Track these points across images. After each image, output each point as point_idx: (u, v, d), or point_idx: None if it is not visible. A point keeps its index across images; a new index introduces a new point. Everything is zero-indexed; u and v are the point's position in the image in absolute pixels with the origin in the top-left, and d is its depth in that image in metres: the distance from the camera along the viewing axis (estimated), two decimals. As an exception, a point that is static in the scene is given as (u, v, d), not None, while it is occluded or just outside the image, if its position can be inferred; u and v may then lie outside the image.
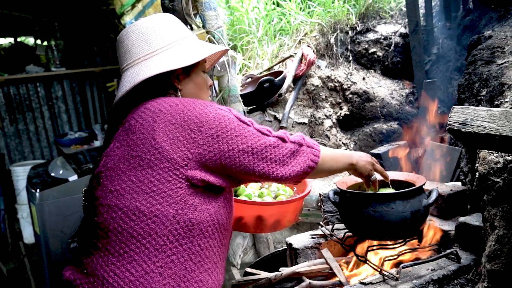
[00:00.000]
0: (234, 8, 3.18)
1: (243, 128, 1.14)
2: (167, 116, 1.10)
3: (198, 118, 1.10)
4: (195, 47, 1.25)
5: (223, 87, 2.30)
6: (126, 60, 1.22)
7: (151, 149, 1.08)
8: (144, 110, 1.13)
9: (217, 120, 1.12)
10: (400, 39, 2.92)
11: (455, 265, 1.59)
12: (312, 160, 1.22)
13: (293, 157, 1.18)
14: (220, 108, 1.16)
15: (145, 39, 1.20)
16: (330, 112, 2.76)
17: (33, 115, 5.27)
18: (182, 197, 1.09)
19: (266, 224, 1.48)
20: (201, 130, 1.10)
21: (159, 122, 1.10)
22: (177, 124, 1.09)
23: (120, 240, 1.08)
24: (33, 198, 3.15)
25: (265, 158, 1.14)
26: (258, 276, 1.89)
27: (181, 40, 1.24)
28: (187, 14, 2.18)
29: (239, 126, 1.14)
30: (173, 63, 1.18)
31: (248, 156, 1.13)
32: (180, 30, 1.26)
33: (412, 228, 1.65)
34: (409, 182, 1.73)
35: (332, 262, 1.82)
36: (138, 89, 1.20)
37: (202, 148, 1.10)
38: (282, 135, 1.20)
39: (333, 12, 2.91)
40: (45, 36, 5.47)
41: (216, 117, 1.12)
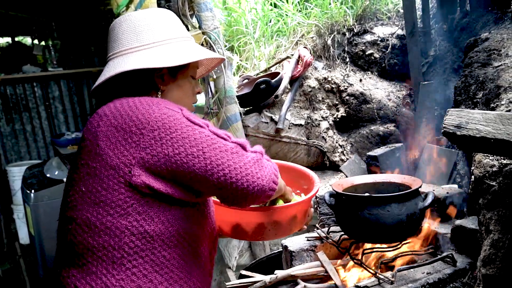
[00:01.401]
0: (231, 9, 3.17)
1: (193, 129, 1.00)
2: (110, 119, 1.02)
3: (139, 119, 1.00)
4: (186, 49, 1.17)
5: (219, 88, 2.29)
6: (113, 49, 1.16)
7: (96, 156, 1.01)
8: (94, 114, 1.07)
9: (161, 120, 1.00)
10: (397, 41, 2.91)
11: (451, 268, 1.59)
12: (275, 174, 1.06)
13: (257, 167, 1.01)
14: (167, 108, 1.03)
15: (136, 31, 1.14)
16: (327, 113, 2.75)
17: (30, 115, 5.25)
18: (134, 207, 1.01)
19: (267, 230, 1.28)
20: (143, 132, 0.99)
21: (102, 127, 1.02)
22: (119, 127, 1.00)
23: (77, 252, 1.03)
24: (28, 198, 3.13)
25: (222, 164, 0.98)
26: (254, 278, 1.88)
27: (173, 39, 1.17)
28: (183, 14, 2.17)
29: (188, 127, 1.01)
30: (156, 61, 1.10)
31: (199, 162, 0.98)
32: (175, 30, 1.18)
33: (408, 231, 1.65)
34: (405, 185, 1.73)
35: (327, 265, 1.81)
36: (120, 82, 1.14)
37: (145, 152, 0.99)
38: (242, 142, 1.05)
39: (330, 14, 2.90)
40: (42, 36, 5.45)
41: (160, 117, 1.00)
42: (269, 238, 1.33)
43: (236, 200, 1.02)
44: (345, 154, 2.74)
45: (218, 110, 2.31)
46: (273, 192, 1.05)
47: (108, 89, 1.17)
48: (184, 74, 1.19)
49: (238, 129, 2.33)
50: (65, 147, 4.57)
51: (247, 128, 2.45)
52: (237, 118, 2.35)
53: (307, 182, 1.43)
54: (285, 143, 2.57)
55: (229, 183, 0.98)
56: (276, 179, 1.06)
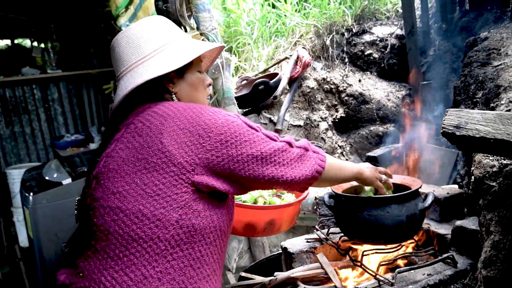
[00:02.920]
0: (230, 10, 3.17)
1: (252, 133, 1.16)
2: (175, 120, 1.11)
3: (207, 124, 1.11)
4: (185, 48, 1.24)
5: (217, 89, 2.28)
6: (119, 69, 1.23)
7: (158, 152, 1.09)
8: (151, 113, 1.14)
9: (226, 126, 1.13)
10: (396, 41, 2.91)
11: (451, 269, 1.57)
12: (319, 164, 1.24)
13: (301, 161, 1.21)
14: (228, 115, 1.17)
15: (134, 46, 1.20)
16: (326, 114, 2.75)
17: (29, 118, 5.24)
18: (186, 202, 1.09)
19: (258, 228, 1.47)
20: (210, 135, 1.11)
21: (166, 126, 1.10)
22: (186, 129, 1.10)
23: (121, 243, 1.06)
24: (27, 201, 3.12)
25: (274, 162, 1.16)
26: (253, 280, 1.87)
27: (171, 42, 1.23)
28: (181, 15, 2.16)
29: (248, 131, 1.16)
30: (162, 67, 1.18)
31: (257, 161, 1.14)
32: (169, 32, 1.25)
33: (408, 232, 1.63)
34: (405, 185, 1.71)
35: (327, 267, 1.80)
36: (134, 94, 1.20)
37: (210, 153, 1.10)
38: (289, 140, 1.22)
39: (329, 14, 2.90)
40: (41, 38, 5.45)
41: (225, 123, 1.13)
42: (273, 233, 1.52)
43: (286, 187, 1.23)
44: (344, 155, 2.73)
45: (217, 112, 2.30)
46: (315, 179, 1.24)
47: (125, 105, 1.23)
48: (190, 71, 1.26)
49: (237, 130, 2.33)
50: (65, 149, 4.56)
51: (246, 129, 2.45)
52: (236, 119, 2.34)
53: None
54: (284, 144, 2.56)
55: (280, 176, 1.17)
56: (321, 168, 1.24)
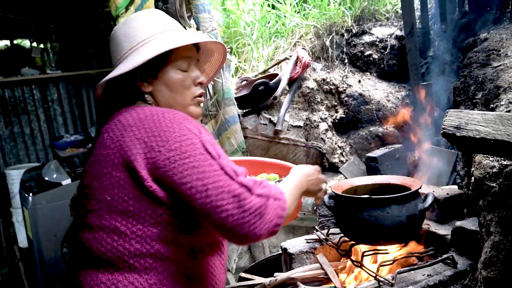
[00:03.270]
0: (229, 11, 3.17)
1: (205, 160, 0.97)
2: (134, 130, 1.01)
3: (161, 137, 0.98)
4: (157, 45, 1.11)
5: (217, 90, 2.28)
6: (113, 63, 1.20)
7: (120, 166, 1.00)
8: (116, 122, 1.05)
9: (178, 143, 0.98)
10: (396, 42, 2.91)
11: (451, 270, 1.57)
12: (279, 216, 1.01)
13: (257, 217, 0.96)
14: (188, 128, 1.01)
15: (116, 43, 1.15)
16: (326, 115, 2.75)
17: (29, 118, 5.24)
18: (163, 217, 1.01)
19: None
20: (161, 150, 0.98)
21: (126, 137, 1.01)
22: (141, 140, 0.99)
23: (106, 259, 1.02)
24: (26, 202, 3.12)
25: (221, 207, 0.94)
26: (253, 281, 1.87)
27: (149, 38, 1.13)
28: (181, 16, 2.16)
29: (201, 156, 0.98)
30: (122, 68, 1.09)
31: (200, 198, 0.95)
32: (152, 28, 1.14)
33: (408, 233, 1.63)
34: (404, 186, 1.71)
35: (327, 267, 1.80)
36: (113, 94, 1.16)
37: (160, 171, 0.98)
38: (249, 184, 0.99)
39: (329, 15, 2.90)
40: (40, 39, 5.45)
41: (178, 139, 0.98)
42: None
43: (230, 239, 1.01)
44: (344, 156, 2.73)
45: (217, 112, 2.30)
46: (273, 234, 1.02)
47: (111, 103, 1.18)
48: (166, 70, 1.13)
49: (237, 131, 2.33)
50: (64, 150, 4.55)
51: (246, 130, 2.44)
52: (236, 120, 2.34)
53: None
54: (284, 144, 2.56)
55: (224, 224, 0.95)
56: (280, 220, 1.01)
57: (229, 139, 2.34)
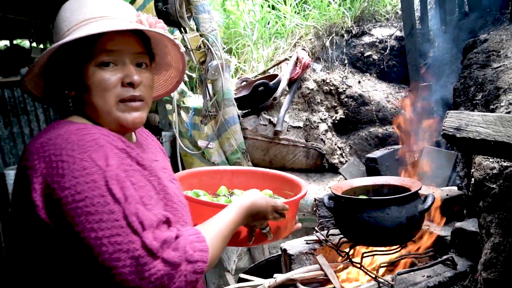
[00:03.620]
0: (229, 11, 3.17)
1: (104, 204, 0.77)
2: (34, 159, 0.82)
3: (58, 169, 0.79)
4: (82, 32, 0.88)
5: (217, 90, 2.27)
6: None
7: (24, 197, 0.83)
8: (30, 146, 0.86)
9: (76, 178, 0.78)
10: (396, 42, 2.91)
11: (451, 271, 1.58)
12: (191, 282, 0.82)
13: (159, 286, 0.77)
14: (92, 159, 0.80)
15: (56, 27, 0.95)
16: (326, 115, 2.74)
17: (28, 118, 5.23)
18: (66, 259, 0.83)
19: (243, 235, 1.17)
20: (55, 187, 0.78)
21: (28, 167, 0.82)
22: (37, 169, 0.80)
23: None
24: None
25: (115, 268, 0.76)
26: (253, 282, 1.86)
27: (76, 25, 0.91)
28: (181, 17, 2.16)
29: (101, 198, 0.77)
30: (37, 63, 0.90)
31: (92, 251, 0.76)
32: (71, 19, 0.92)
33: (408, 234, 1.63)
34: (404, 187, 1.71)
35: (327, 269, 1.80)
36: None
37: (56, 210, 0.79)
38: (155, 246, 0.78)
39: (329, 15, 2.90)
40: (40, 39, 5.45)
41: (77, 173, 0.78)
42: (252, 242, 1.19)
43: None
44: (344, 156, 2.73)
45: (216, 113, 2.30)
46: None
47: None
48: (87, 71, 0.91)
49: (236, 131, 2.32)
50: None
51: (246, 131, 2.44)
52: (235, 120, 2.34)
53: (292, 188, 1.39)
54: (284, 145, 2.56)
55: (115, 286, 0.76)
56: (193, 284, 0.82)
57: (229, 139, 2.34)
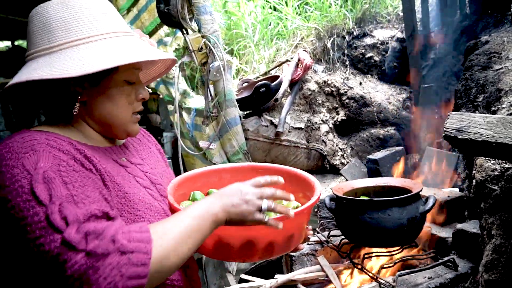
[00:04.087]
0: (231, 13, 3.18)
1: (29, 208, 0.75)
2: None
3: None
4: (111, 50, 0.90)
5: (218, 91, 2.28)
6: (28, 49, 0.95)
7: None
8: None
9: (7, 186, 0.77)
10: (397, 44, 2.91)
11: (452, 273, 1.57)
12: (132, 276, 0.72)
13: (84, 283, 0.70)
14: (23, 165, 0.79)
15: (47, 28, 0.91)
16: (327, 117, 2.75)
17: (30, 119, 5.24)
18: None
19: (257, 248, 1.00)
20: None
21: None
22: None
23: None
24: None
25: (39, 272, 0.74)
26: (254, 283, 1.86)
27: (96, 37, 0.91)
28: (183, 18, 2.17)
29: (26, 203, 0.75)
30: (63, 69, 0.86)
31: (21, 257, 0.76)
32: (101, 23, 0.92)
33: (409, 235, 1.63)
34: (405, 189, 1.72)
35: (328, 270, 1.80)
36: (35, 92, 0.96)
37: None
38: (75, 238, 0.72)
39: (330, 17, 2.90)
40: (42, 40, 5.45)
41: (7, 181, 0.78)
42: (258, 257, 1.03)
43: None
44: (345, 158, 2.73)
45: (218, 114, 2.30)
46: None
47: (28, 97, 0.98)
48: (111, 81, 0.94)
49: (238, 132, 2.33)
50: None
51: (247, 132, 2.44)
52: (237, 121, 2.34)
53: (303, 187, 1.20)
54: (285, 146, 2.56)
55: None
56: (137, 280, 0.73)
57: (230, 140, 2.34)
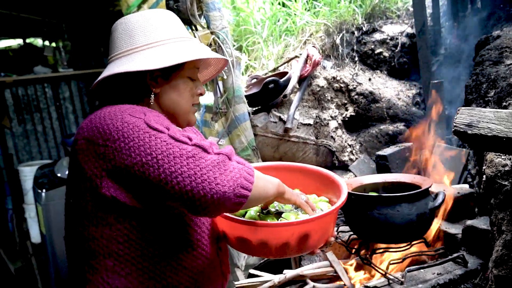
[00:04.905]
0: (239, 9, 3.18)
1: (150, 136, 0.95)
2: (84, 132, 1.02)
3: (105, 131, 0.98)
4: (178, 50, 1.12)
5: (227, 88, 2.29)
6: (110, 53, 1.16)
7: (76, 170, 1.03)
8: (84, 122, 1.06)
9: (121, 129, 0.96)
10: (407, 40, 2.89)
11: (462, 269, 1.57)
12: (246, 178, 0.94)
13: (217, 172, 0.91)
14: (131, 115, 0.99)
15: (130, 34, 1.12)
16: (336, 113, 2.74)
17: (41, 116, 5.31)
18: (114, 217, 1.01)
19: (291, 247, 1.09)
20: (107, 144, 0.97)
21: (79, 139, 1.02)
22: (90, 140, 0.99)
23: (75, 261, 1.06)
24: (39, 198, 3.17)
25: (176, 172, 0.91)
26: (262, 278, 1.88)
27: (168, 40, 1.13)
28: (192, 14, 2.18)
29: (146, 133, 0.95)
30: (143, 64, 1.07)
31: (154, 170, 0.92)
32: (170, 30, 1.15)
33: (418, 231, 1.63)
34: (415, 185, 1.71)
35: (336, 265, 1.80)
36: (115, 86, 1.15)
37: (111, 163, 0.97)
38: (203, 144, 0.95)
39: (339, 12, 2.89)
40: (53, 38, 5.51)
41: (121, 126, 0.97)
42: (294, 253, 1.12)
43: (197, 210, 0.93)
44: (354, 154, 2.73)
45: (227, 110, 2.31)
46: (243, 200, 0.93)
47: (108, 92, 1.18)
48: (179, 76, 1.15)
49: (247, 128, 2.33)
50: (73, 147, 4.60)
51: (256, 128, 2.45)
52: (246, 117, 2.34)
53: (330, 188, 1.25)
54: (294, 142, 2.56)
55: (184, 191, 0.90)
56: (248, 183, 0.94)
57: (239, 136, 2.35)
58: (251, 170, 0.97)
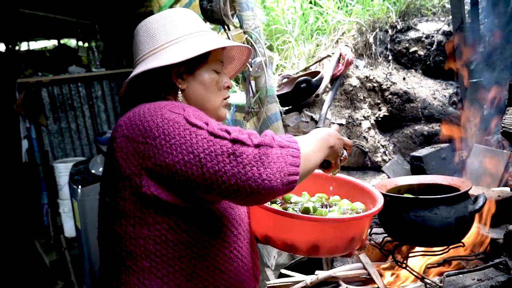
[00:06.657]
0: (269, 8, 3.17)
1: (190, 133, 0.94)
2: (123, 130, 1.01)
3: (145, 128, 0.97)
4: (198, 43, 1.11)
5: (260, 87, 2.29)
6: (135, 56, 1.18)
7: (113, 168, 1.02)
8: (122, 120, 1.05)
9: (161, 126, 0.96)
10: (443, 38, 2.81)
11: (504, 276, 1.51)
12: (292, 163, 0.92)
13: (260, 167, 0.89)
14: (170, 111, 0.99)
15: (151, 35, 1.13)
16: (369, 113, 2.70)
17: (75, 114, 5.48)
18: (152, 217, 0.99)
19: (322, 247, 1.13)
20: (147, 141, 0.96)
21: (117, 137, 1.02)
22: (129, 137, 0.99)
23: (109, 260, 1.06)
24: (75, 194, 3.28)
25: (219, 171, 0.90)
26: (294, 278, 1.87)
27: (188, 35, 1.12)
28: (225, 14, 2.19)
29: (186, 130, 0.94)
30: (165, 59, 1.07)
31: (197, 170, 0.92)
32: (190, 26, 1.14)
33: (457, 235, 1.58)
34: (452, 187, 1.66)
35: (370, 268, 1.78)
36: (142, 86, 1.16)
37: (151, 161, 0.96)
38: (243, 137, 0.92)
39: (372, 11, 2.84)
40: (86, 38, 5.68)
41: (161, 123, 0.96)
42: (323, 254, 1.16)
43: (247, 203, 0.96)
44: (387, 155, 2.67)
45: (259, 109, 2.31)
46: (293, 185, 0.92)
47: (135, 94, 1.19)
48: (203, 69, 1.14)
49: (279, 128, 2.33)
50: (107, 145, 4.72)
51: (287, 128, 2.44)
52: (278, 117, 2.34)
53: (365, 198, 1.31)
54: (325, 142, 2.54)
55: (231, 190, 0.90)
56: (295, 168, 0.92)
57: (271, 136, 2.35)
58: (296, 150, 0.93)
